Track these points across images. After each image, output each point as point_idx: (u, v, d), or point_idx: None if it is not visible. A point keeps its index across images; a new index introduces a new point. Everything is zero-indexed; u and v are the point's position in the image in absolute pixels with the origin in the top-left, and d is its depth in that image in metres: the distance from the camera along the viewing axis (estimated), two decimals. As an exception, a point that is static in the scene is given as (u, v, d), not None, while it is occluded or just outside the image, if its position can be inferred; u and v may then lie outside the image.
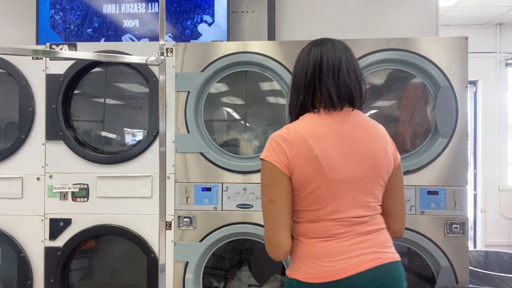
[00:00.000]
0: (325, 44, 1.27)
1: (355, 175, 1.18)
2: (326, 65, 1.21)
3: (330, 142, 1.17)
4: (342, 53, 1.24)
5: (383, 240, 1.22)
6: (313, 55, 1.24)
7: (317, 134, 1.17)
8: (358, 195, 1.19)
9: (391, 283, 1.17)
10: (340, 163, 1.17)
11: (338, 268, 1.13)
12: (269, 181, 1.18)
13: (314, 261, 1.16)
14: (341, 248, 1.16)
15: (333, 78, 1.20)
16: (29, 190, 2.21)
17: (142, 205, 2.15)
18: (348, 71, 1.21)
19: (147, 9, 2.78)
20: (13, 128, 2.28)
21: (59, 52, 2.02)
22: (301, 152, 1.16)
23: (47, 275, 2.17)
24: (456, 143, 2.03)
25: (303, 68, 1.24)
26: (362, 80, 1.25)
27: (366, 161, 1.19)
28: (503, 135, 4.62)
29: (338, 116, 1.21)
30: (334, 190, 1.16)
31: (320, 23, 2.82)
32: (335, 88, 1.20)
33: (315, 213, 1.18)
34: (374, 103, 2.22)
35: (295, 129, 1.19)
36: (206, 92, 2.17)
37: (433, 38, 2.09)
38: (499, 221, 4.57)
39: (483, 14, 4.35)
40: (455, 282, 1.98)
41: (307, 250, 1.18)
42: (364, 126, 1.23)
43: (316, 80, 1.22)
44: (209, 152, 2.12)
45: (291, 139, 1.17)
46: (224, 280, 2.47)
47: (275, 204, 1.16)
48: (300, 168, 1.15)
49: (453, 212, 2.02)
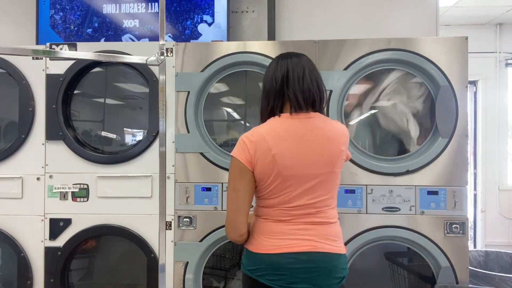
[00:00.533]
0: (290, 57, 1.46)
1: (308, 172, 1.37)
2: (292, 74, 1.42)
3: (288, 143, 1.37)
4: (305, 64, 1.44)
5: (326, 232, 1.40)
6: (281, 67, 1.44)
7: (277, 136, 1.38)
8: (309, 191, 1.38)
9: (322, 270, 1.36)
10: (295, 162, 1.37)
11: (276, 244, 1.37)
12: (235, 173, 1.41)
13: (260, 236, 1.41)
14: (284, 230, 1.38)
15: (299, 84, 1.41)
16: (29, 190, 2.21)
17: (142, 205, 2.16)
18: (311, 79, 1.42)
19: (147, 9, 2.78)
20: (13, 128, 2.28)
21: (59, 52, 2.02)
22: (261, 151, 1.36)
23: (47, 275, 2.18)
24: (456, 143, 2.03)
25: (273, 78, 1.44)
26: (323, 88, 1.46)
27: (320, 161, 1.38)
28: (503, 135, 4.62)
29: (298, 121, 1.40)
30: (286, 185, 1.37)
31: (320, 23, 2.82)
32: (300, 93, 1.40)
33: (269, 201, 1.41)
34: (374, 103, 2.22)
35: (259, 131, 1.40)
36: (206, 92, 2.17)
37: (433, 38, 2.09)
38: (499, 221, 4.57)
39: (483, 14, 4.35)
40: (455, 282, 1.99)
41: (259, 226, 1.43)
42: (321, 129, 1.41)
43: (285, 87, 1.42)
44: (209, 152, 2.12)
45: (255, 140, 1.38)
46: (224, 280, 2.47)
47: (238, 192, 1.39)
48: (260, 165, 1.37)
49: (453, 212, 2.02)
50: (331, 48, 2.09)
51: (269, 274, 1.36)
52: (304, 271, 1.35)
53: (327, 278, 1.37)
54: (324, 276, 1.37)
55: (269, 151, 1.36)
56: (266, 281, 1.37)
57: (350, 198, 2.06)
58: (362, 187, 2.06)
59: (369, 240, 2.04)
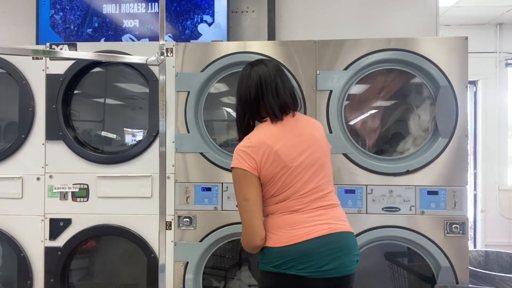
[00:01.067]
0: (260, 66, 1.53)
1: (310, 158, 1.47)
2: (265, 85, 1.49)
3: (284, 139, 1.46)
4: (276, 73, 1.52)
5: (336, 214, 1.50)
6: (253, 78, 1.51)
7: (272, 135, 1.46)
8: (314, 175, 1.47)
9: (342, 248, 1.43)
10: (295, 153, 1.46)
11: (296, 234, 1.41)
12: (241, 183, 1.45)
13: (279, 229, 1.44)
14: (300, 219, 1.44)
15: (273, 96, 1.49)
16: (29, 190, 2.21)
17: (142, 205, 2.15)
18: (284, 88, 1.51)
19: (147, 9, 2.78)
20: (13, 128, 2.28)
21: (59, 52, 2.02)
22: (264, 152, 1.44)
23: (47, 275, 2.17)
24: (456, 143, 2.03)
25: (247, 89, 1.52)
26: (296, 94, 1.56)
27: (315, 145, 1.50)
28: (503, 135, 4.62)
29: (284, 121, 1.50)
30: (294, 175, 1.45)
31: (320, 23, 2.82)
32: (276, 105, 1.49)
33: (280, 196, 1.46)
34: (374, 103, 2.23)
35: (255, 136, 1.47)
36: (206, 92, 2.17)
37: (433, 38, 2.09)
38: (499, 221, 4.57)
39: (483, 14, 4.35)
40: (455, 282, 1.99)
41: (274, 222, 1.46)
42: (305, 121, 1.56)
43: (260, 97, 1.50)
44: (209, 152, 2.12)
45: (254, 144, 1.45)
46: (224, 280, 2.47)
47: (249, 201, 1.44)
48: (266, 166, 1.44)
49: (453, 212, 2.02)
50: (331, 48, 2.09)
51: (298, 263, 1.38)
52: (329, 253, 1.40)
53: (350, 256, 1.45)
54: (347, 253, 1.44)
55: (271, 149, 1.43)
56: (296, 271, 1.38)
57: (350, 198, 2.06)
58: (362, 187, 2.06)
59: (369, 240, 2.04)
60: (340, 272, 1.42)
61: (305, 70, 2.09)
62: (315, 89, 2.09)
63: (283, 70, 1.57)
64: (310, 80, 2.09)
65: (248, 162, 1.44)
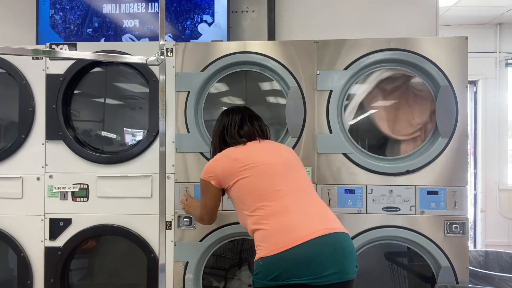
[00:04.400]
0: (231, 113, 1.78)
1: (275, 160, 1.59)
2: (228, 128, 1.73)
3: (246, 150, 1.64)
4: (245, 115, 1.76)
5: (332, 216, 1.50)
6: (220, 122, 1.78)
7: (234, 150, 1.65)
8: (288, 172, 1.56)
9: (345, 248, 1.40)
10: (259, 156, 1.60)
11: (292, 237, 1.37)
12: (202, 190, 1.72)
13: (272, 237, 1.40)
14: (292, 221, 1.42)
15: (233, 136, 1.71)
16: (29, 190, 2.21)
17: (142, 205, 2.15)
18: (251, 125, 1.73)
19: (147, 9, 2.78)
20: (13, 128, 2.28)
21: (59, 52, 2.02)
22: (224, 163, 1.63)
23: (47, 275, 2.17)
24: (456, 143, 2.03)
25: (216, 131, 1.78)
26: (265, 128, 1.79)
27: (277, 153, 1.65)
28: (503, 135, 4.62)
29: (248, 143, 1.69)
30: (263, 173, 1.54)
31: (320, 23, 2.82)
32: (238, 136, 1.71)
33: (258, 198, 1.50)
34: (374, 103, 2.23)
35: (219, 154, 1.69)
36: (206, 92, 2.17)
37: (433, 38, 2.09)
38: (499, 221, 4.57)
39: (483, 14, 4.35)
40: (455, 282, 1.99)
41: (263, 232, 1.44)
42: (270, 143, 1.76)
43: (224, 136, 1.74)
44: (209, 152, 2.12)
45: (217, 158, 1.68)
46: (224, 280, 2.47)
47: (206, 207, 1.75)
48: (225, 173, 1.61)
49: (453, 212, 2.02)
50: (331, 48, 2.09)
51: (297, 271, 1.32)
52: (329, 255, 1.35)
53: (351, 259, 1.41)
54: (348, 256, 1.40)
55: (230, 158, 1.63)
56: (297, 280, 1.32)
57: (350, 198, 2.06)
58: (362, 187, 2.06)
59: (369, 240, 2.04)
60: (341, 277, 1.35)
61: (305, 70, 2.09)
62: (315, 89, 2.09)
63: (251, 111, 1.81)
64: (310, 80, 2.09)
65: (210, 175, 1.66)
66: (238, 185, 1.58)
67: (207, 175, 1.67)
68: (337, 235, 1.41)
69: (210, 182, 1.65)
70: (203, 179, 1.69)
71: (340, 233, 1.43)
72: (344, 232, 1.45)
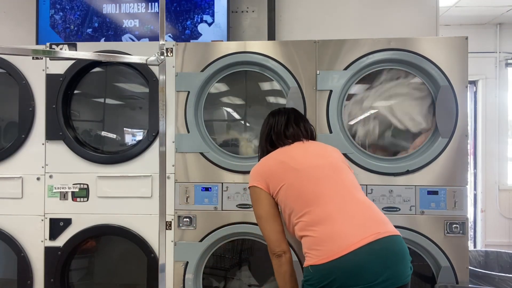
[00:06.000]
0: (278, 114, 1.77)
1: (321, 162, 1.56)
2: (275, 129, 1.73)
3: (292, 152, 1.62)
4: (291, 116, 1.75)
5: (381, 217, 1.44)
6: (267, 123, 1.78)
7: (281, 152, 1.65)
8: (334, 174, 1.53)
9: (394, 252, 1.35)
10: (305, 158, 1.57)
11: (342, 245, 1.32)
12: (254, 200, 1.61)
13: (322, 244, 1.36)
14: (340, 228, 1.37)
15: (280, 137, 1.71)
16: (29, 190, 2.21)
17: (142, 205, 2.16)
18: (296, 126, 1.72)
19: (147, 9, 2.78)
20: (13, 128, 2.28)
21: (59, 52, 2.02)
22: (271, 165, 1.60)
23: (47, 275, 2.17)
24: (456, 143, 2.03)
25: (263, 132, 1.78)
26: (312, 129, 1.78)
27: (323, 154, 1.63)
28: (503, 135, 4.62)
29: (293, 145, 1.68)
30: (308, 177, 1.51)
31: (320, 23, 2.82)
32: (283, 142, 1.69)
33: (303, 205, 1.46)
34: (374, 103, 2.22)
35: (266, 157, 1.67)
36: (206, 92, 2.17)
37: (433, 38, 2.09)
38: (499, 221, 4.57)
39: (483, 14, 4.35)
40: (455, 282, 1.99)
41: (312, 239, 1.40)
42: (316, 143, 1.75)
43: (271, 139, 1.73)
44: (209, 152, 2.12)
45: (263, 162, 1.65)
46: (224, 280, 2.47)
47: (262, 218, 1.58)
48: (273, 176, 1.56)
49: (453, 212, 2.02)
50: (331, 48, 2.09)
51: (349, 280, 1.29)
52: (381, 262, 1.31)
53: (403, 263, 1.37)
54: (400, 260, 1.36)
55: (277, 160, 1.60)
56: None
57: (350, 198, 2.06)
58: (362, 187, 2.05)
59: (369, 240, 2.03)
60: (395, 283, 1.31)
61: (305, 70, 2.09)
62: (315, 89, 2.08)
63: (297, 112, 1.80)
64: (310, 80, 2.09)
65: (258, 178, 1.60)
66: (285, 189, 1.52)
67: (254, 181, 1.61)
68: (388, 240, 1.36)
69: (258, 187, 1.59)
70: (251, 186, 1.62)
71: (391, 237, 1.37)
72: (395, 235, 1.39)
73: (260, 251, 2.36)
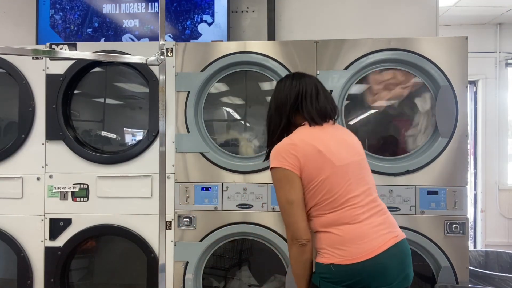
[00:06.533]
0: (304, 77, 1.55)
1: (353, 159, 1.45)
2: (305, 93, 1.51)
3: (327, 140, 1.44)
4: (317, 83, 1.55)
5: (393, 221, 1.47)
6: (295, 86, 1.53)
7: (315, 136, 1.44)
8: (362, 177, 1.44)
9: (407, 255, 1.42)
10: (340, 153, 1.43)
11: (368, 248, 1.34)
12: (283, 184, 1.41)
13: (346, 245, 1.35)
14: (365, 231, 1.37)
15: (312, 102, 1.50)
16: (29, 190, 2.21)
17: (142, 205, 2.16)
18: (325, 97, 1.53)
19: (147, 9, 2.78)
20: (13, 128, 2.28)
21: (59, 52, 2.02)
22: (307, 151, 1.40)
23: (47, 275, 2.17)
24: (456, 143, 2.03)
25: (287, 96, 1.52)
26: (335, 104, 1.57)
27: (354, 149, 1.49)
28: (503, 135, 4.61)
29: (323, 126, 1.50)
30: (342, 174, 1.40)
31: (320, 23, 2.82)
32: (315, 111, 1.49)
33: (332, 203, 1.39)
34: (373, 104, 2.22)
35: (297, 136, 1.45)
36: (206, 92, 2.17)
37: (433, 38, 2.09)
38: (499, 221, 4.57)
39: (483, 14, 4.35)
40: (455, 282, 1.99)
41: (336, 238, 1.37)
42: (342, 129, 1.58)
43: (299, 105, 1.51)
44: (209, 152, 2.12)
45: (297, 143, 1.41)
46: (224, 280, 2.47)
47: (293, 204, 1.39)
48: (309, 165, 1.39)
49: (453, 212, 2.02)
50: (331, 48, 2.09)
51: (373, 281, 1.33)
52: (398, 264, 1.37)
53: (410, 266, 1.43)
54: (409, 264, 1.42)
55: (314, 148, 1.40)
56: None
57: (350, 198, 2.06)
58: (362, 187, 2.06)
59: (369, 240, 2.03)
60: (405, 283, 1.39)
61: (305, 70, 2.07)
62: (315, 89, 2.08)
63: (322, 84, 1.59)
64: (310, 80, 2.08)
65: (290, 161, 1.39)
66: (321, 183, 1.39)
67: (286, 163, 1.40)
68: (402, 244, 1.42)
69: (290, 171, 1.39)
70: (280, 168, 1.40)
71: (404, 241, 1.43)
72: (405, 239, 1.46)
73: (260, 251, 2.36)
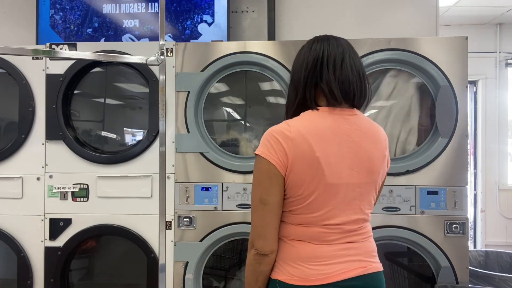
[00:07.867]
0: (328, 40, 1.21)
1: (353, 180, 1.14)
2: (327, 59, 1.16)
3: (331, 144, 1.12)
4: (346, 48, 1.19)
5: (369, 249, 1.21)
6: (314, 50, 1.19)
7: (318, 134, 1.11)
8: (354, 201, 1.15)
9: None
10: (340, 168, 1.12)
11: (325, 273, 1.11)
12: (263, 180, 1.12)
13: (299, 263, 1.13)
14: (329, 253, 1.13)
15: (334, 71, 1.14)
16: (29, 190, 2.21)
17: (142, 205, 2.16)
18: (351, 66, 1.16)
19: (147, 9, 2.78)
20: (13, 128, 2.28)
21: (59, 52, 2.02)
22: (302, 152, 1.09)
23: (47, 275, 2.17)
24: (456, 143, 2.03)
25: (303, 63, 1.19)
26: (366, 79, 1.18)
27: (364, 167, 1.16)
28: (503, 135, 4.62)
29: (340, 117, 1.15)
30: (331, 195, 1.12)
31: (320, 23, 2.82)
32: (336, 82, 1.14)
33: (307, 217, 1.14)
34: (373, 103, 2.22)
35: (297, 127, 1.12)
36: (206, 92, 2.17)
37: (433, 38, 2.09)
38: (499, 221, 4.58)
39: (483, 14, 4.35)
40: (455, 282, 1.98)
41: (293, 252, 1.15)
42: (366, 130, 1.18)
43: (317, 74, 1.16)
44: (209, 152, 2.12)
45: (293, 137, 1.10)
46: (224, 280, 2.47)
47: (266, 206, 1.12)
48: (298, 170, 1.10)
49: (453, 212, 2.02)
50: (331, 48, 2.08)
51: None
52: None
53: None
54: None
55: (312, 152, 1.10)
56: None
57: (350, 198, 2.06)
58: (362, 187, 2.06)
59: (369, 240, 2.03)
60: None
61: (305, 70, 2.09)
62: (315, 89, 2.08)
63: (355, 51, 1.22)
64: (310, 80, 2.08)
65: (278, 154, 1.10)
66: (299, 198, 1.13)
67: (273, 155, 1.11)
68: (371, 278, 1.16)
69: (275, 167, 1.10)
70: (264, 159, 1.12)
71: (375, 275, 1.18)
72: (379, 272, 1.20)
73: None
